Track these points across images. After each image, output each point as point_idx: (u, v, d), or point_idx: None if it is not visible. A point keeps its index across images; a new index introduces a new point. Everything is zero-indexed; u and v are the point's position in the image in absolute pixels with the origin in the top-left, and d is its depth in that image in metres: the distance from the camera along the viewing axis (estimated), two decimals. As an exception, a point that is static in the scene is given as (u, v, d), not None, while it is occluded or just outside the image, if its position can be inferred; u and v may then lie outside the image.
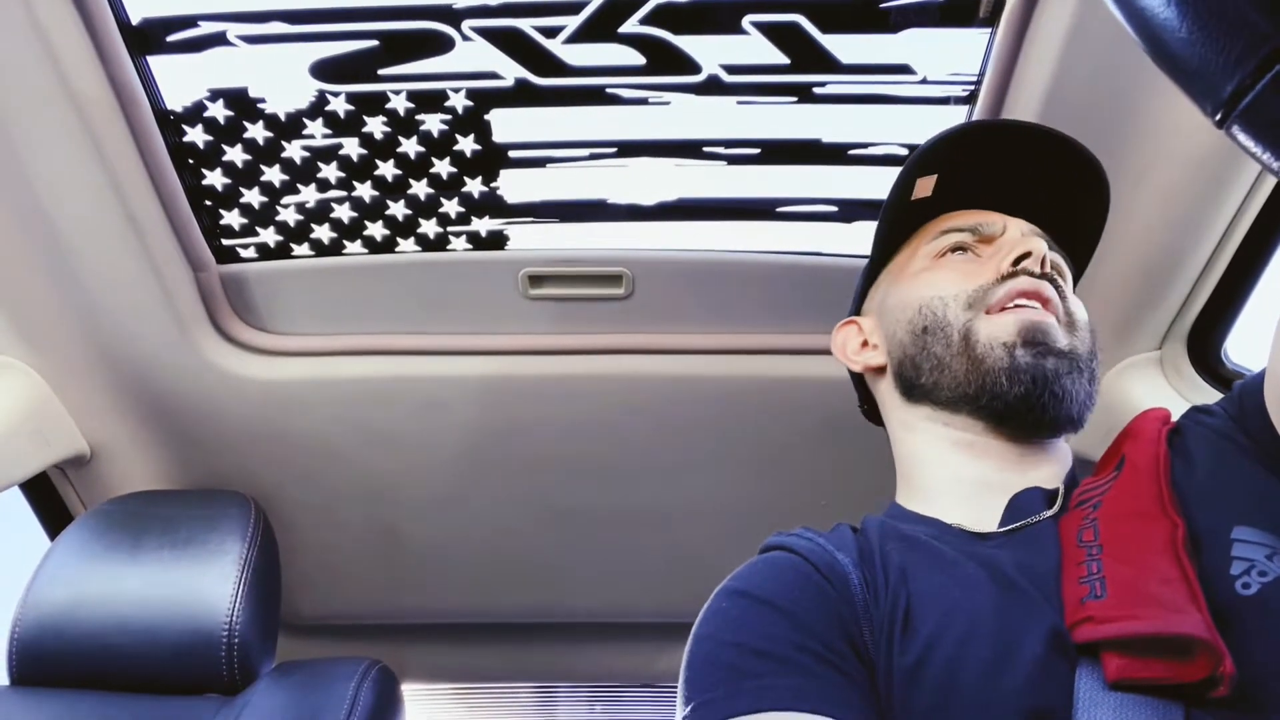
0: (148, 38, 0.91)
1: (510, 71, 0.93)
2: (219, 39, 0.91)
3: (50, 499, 1.24)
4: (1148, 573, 0.55)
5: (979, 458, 0.72)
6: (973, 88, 0.94)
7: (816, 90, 0.94)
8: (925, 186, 0.79)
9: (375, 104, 0.97)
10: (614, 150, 1.00)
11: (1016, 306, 0.70)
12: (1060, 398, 0.68)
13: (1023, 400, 0.68)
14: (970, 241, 0.77)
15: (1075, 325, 0.71)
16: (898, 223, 0.81)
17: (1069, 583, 0.58)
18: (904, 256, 0.81)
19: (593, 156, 1.00)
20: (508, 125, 0.98)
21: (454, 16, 0.90)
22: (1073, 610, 0.56)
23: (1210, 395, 1.03)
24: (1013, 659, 0.54)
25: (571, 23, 0.90)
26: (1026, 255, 0.72)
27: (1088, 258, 0.83)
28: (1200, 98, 0.33)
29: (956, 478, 0.72)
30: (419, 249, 1.09)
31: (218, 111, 0.97)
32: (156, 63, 0.94)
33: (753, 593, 0.62)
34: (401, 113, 0.97)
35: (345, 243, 1.08)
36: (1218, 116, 0.32)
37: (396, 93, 0.96)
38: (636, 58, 0.92)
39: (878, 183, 1.02)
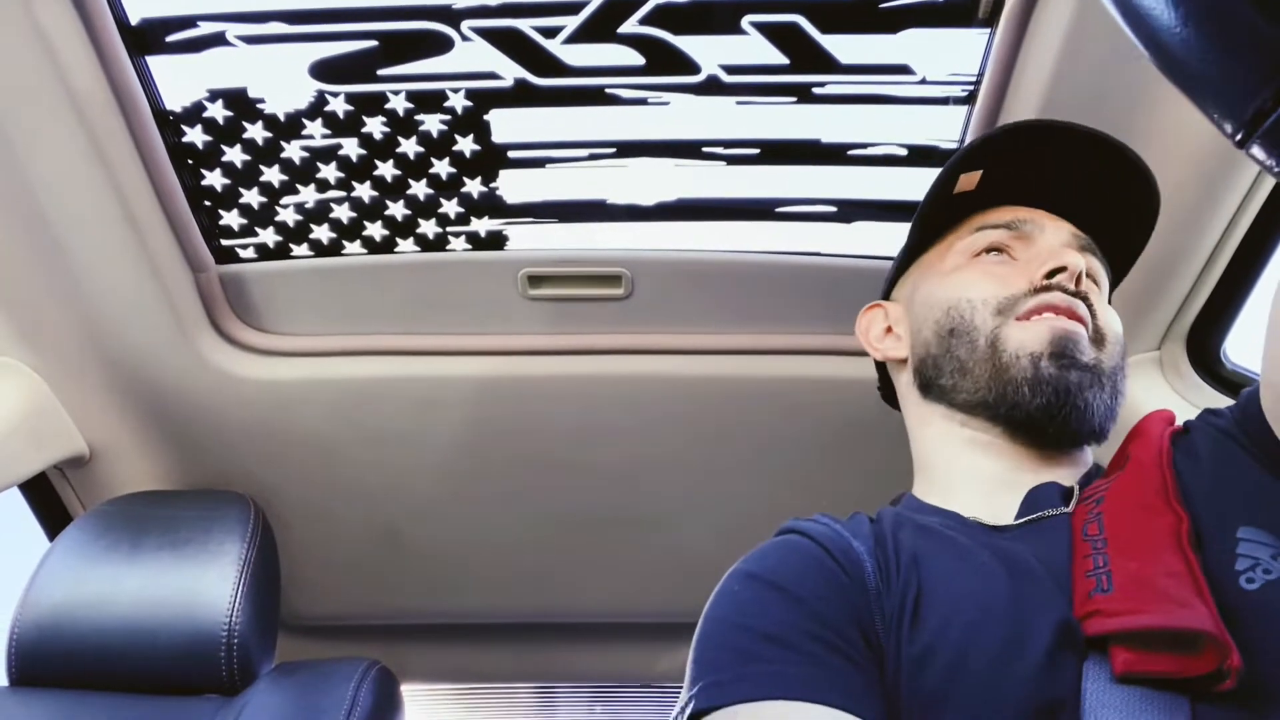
0: (147, 38, 0.91)
1: (509, 72, 0.93)
2: (218, 39, 0.91)
3: (49, 499, 1.23)
4: (1153, 566, 0.55)
5: (996, 457, 0.71)
6: (972, 88, 0.94)
7: (816, 90, 0.94)
8: (970, 181, 0.77)
9: (374, 104, 0.96)
10: (613, 150, 1.00)
11: (1046, 316, 0.69)
12: (1083, 410, 0.67)
13: (1044, 411, 0.67)
14: (1006, 240, 0.76)
15: (1104, 340, 0.71)
16: (937, 214, 0.80)
17: (1078, 576, 0.58)
18: (940, 249, 0.80)
19: (592, 157, 1.00)
20: (507, 125, 0.98)
21: (453, 17, 0.90)
22: (1080, 603, 0.56)
23: (1209, 395, 1.03)
24: (1022, 648, 0.55)
25: (571, 23, 0.90)
26: (1061, 270, 0.70)
27: (1129, 264, 0.82)
28: (1219, 117, 0.32)
29: (974, 474, 0.72)
30: (418, 249, 1.09)
31: (217, 112, 0.97)
32: (156, 63, 0.94)
33: (765, 576, 0.62)
34: (401, 113, 0.97)
35: (344, 243, 1.08)
36: (1238, 137, 0.32)
37: (396, 93, 0.95)
38: (636, 58, 0.92)
39: (877, 183, 1.02)
